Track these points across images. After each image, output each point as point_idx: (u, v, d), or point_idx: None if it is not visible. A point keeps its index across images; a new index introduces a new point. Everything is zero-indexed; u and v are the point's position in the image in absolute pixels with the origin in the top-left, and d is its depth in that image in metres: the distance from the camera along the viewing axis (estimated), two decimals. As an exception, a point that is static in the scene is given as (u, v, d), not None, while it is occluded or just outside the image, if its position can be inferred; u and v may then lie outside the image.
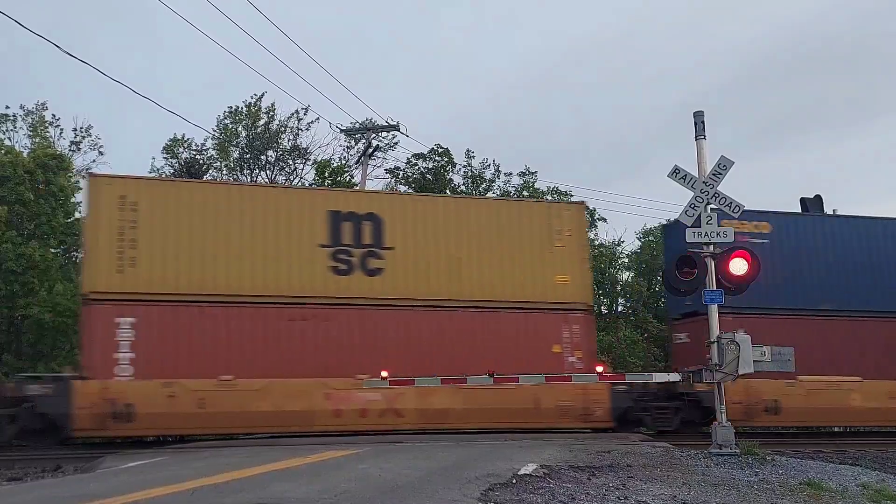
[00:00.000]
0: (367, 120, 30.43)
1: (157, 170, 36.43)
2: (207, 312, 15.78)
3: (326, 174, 33.87)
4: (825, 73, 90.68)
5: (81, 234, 16.10)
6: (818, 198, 25.34)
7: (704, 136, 13.18)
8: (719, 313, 12.99)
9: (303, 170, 37.60)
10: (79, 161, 33.45)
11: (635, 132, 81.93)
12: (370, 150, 26.99)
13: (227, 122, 37.20)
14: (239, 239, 16.27)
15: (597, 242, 41.16)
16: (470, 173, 40.52)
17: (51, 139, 33.21)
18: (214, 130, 36.50)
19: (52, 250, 25.91)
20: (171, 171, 36.09)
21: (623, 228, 67.10)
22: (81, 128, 34.18)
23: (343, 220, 16.89)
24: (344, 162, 35.93)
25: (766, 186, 75.62)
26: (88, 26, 68.01)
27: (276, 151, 37.42)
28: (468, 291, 17.20)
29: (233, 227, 16.30)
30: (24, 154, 27.95)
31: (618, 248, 42.35)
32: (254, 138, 36.89)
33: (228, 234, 16.25)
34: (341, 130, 29.09)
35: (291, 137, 37.57)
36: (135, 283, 15.39)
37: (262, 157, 37.39)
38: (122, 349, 15.15)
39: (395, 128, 26.61)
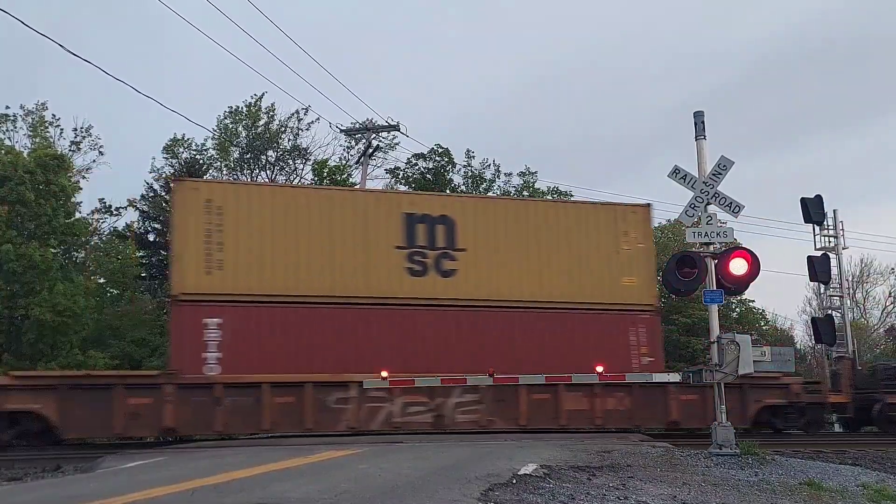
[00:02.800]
0: (367, 120, 30.44)
1: (157, 170, 36.49)
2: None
3: (325, 174, 33.87)
4: (828, 73, 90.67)
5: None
6: (818, 197, 25.27)
7: (704, 136, 13.16)
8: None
9: (303, 170, 37.67)
10: (79, 161, 33.49)
11: (635, 132, 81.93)
12: (370, 150, 26.98)
13: (227, 122, 37.23)
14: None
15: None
16: (470, 173, 40.51)
17: (51, 139, 33.20)
18: (215, 130, 36.53)
19: (53, 250, 25.89)
20: (172, 170, 36.08)
21: (623, 228, 66.58)
22: (81, 128, 34.19)
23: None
24: (344, 162, 35.99)
25: (766, 186, 75.65)
26: (89, 26, 68.04)
27: (276, 151, 37.42)
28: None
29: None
30: (25, 154, 27.94)
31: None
32: (254, 138, 36.88)
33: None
34: (341, 130, 29.12)
35: (291, 137, 37.61)
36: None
37: (263, 157, 37.40)
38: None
39: (396, 128, 26.63)
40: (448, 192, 36.74)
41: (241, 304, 15.95)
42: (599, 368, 14.07)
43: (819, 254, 25.40)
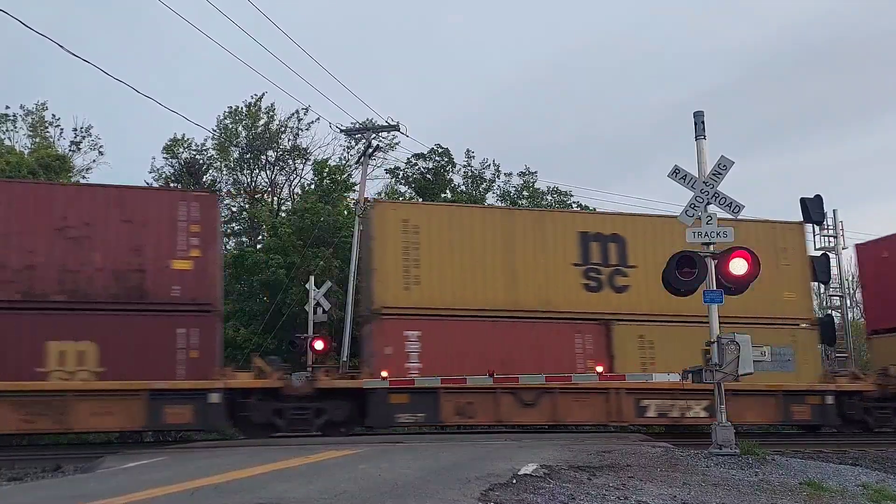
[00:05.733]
0: (367, 120, 30.43)
1: (157, 170, 36.51)
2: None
3: (325, 174, 33.87)
4: (829, 72, 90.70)
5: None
6: (818, 198, 25.29)
7: (704, 136, 13.14)
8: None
9: (303, 170, 37.68)
10: (79, 161, 33.53)
11: (636, 132, 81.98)
12: (370, 151, 26.87)
13: (227, 122, 37.26)
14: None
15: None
16: (470, 173, 40.52)
17: (51, 139, 33.25)
18: (214, 130, 36.55)
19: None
20: (171, 170, 36.11)
21: (623, 228, 66.54)
22: (81, 128, 34.23)
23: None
24: (344, 162, 35.98)
25: (767, 186, 75.68)
26: (88, 26, 68.06)
27: (276, 151, 37.44)
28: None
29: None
30: (25, 154, 27.97)
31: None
32: (254, 138, 36.90)
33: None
34: (341, 130, 29.01)
35: (291, 137, 37.63)
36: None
37: (262, 157, 37.42)
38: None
39: (396, 128, 26.51)
40: (448, 192, 36.79)
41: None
42: (599, 368, 14.12)
43: (819, 254, 25.41)
